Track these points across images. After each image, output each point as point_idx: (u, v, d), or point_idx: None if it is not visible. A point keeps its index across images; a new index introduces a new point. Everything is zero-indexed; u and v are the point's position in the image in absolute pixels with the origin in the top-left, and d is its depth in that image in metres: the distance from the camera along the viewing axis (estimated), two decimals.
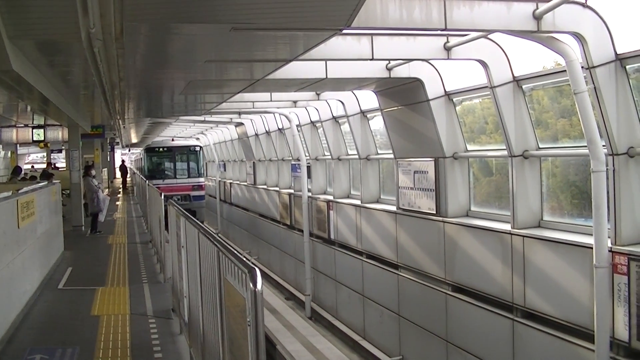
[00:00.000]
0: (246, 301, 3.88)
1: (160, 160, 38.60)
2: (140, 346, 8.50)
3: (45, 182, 15.75)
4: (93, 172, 21.59)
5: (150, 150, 38.98)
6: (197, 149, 38.94)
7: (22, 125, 27.57)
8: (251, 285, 3.72)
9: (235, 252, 4.50)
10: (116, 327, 9.30)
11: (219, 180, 43.96)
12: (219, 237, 5.34)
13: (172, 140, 39.54)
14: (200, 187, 37.81)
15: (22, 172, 27.73)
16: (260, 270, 4.00)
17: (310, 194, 23.99)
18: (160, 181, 35.07)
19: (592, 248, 10.15)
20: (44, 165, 39.39)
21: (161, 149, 38.58)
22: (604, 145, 10.20)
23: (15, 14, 7.31)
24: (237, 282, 4.24)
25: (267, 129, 29.88)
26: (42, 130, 27.51)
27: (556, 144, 12.69)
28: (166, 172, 37.93)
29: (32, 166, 53.60)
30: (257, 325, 3.68)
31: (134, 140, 47.05)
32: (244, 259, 4.22)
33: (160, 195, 13.04)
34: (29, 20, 7.61)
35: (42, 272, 12.21)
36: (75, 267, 14.29)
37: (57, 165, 43.13)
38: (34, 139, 27.92)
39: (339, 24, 8.41)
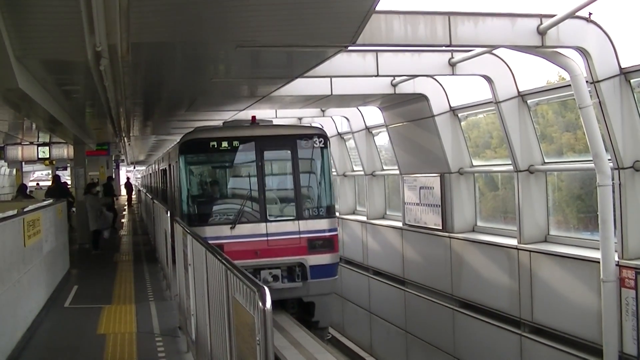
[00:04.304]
0: (255, 320, 3.87)
1: (220, 174, 15.93)
2: None
3: (51, 200, 15.75)
4: (96, 189, 21.53)
5: (195, 148, 15.08)
6: (319, 142, 14.86)
7: (28, 142, 27.62)
8: (260, 304, 3.71)
9: (244, 270, 4.49)
10: (122, 345, 9.25)
11: None
12: None
13: (253, 121, 15.26)
14: (328, 241, 14.75)
15: (28, 190, 27.78)
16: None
17: None
18: (221, 229, 14.11)
19: (599, 262, 10.13)
20: (49, 183, 38.85)
21: (225, 145, 14.61)
22: (609, 159, 10.19)
23: (22, 33, 7.35)
24: (246, 300, 4.22)
25: None
26: (47, 147, 27.55)
27: (561, 158, 12.68)
28: (240, 205, 14.57)
29: (37, 183, 53.73)
30: (267, 345, 3.66)
31: (140, 157, 47.08)
32: (252, 277, 4.20)
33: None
34: (36, 40, 7.65)
35: (48, 290, 12.18)
36: (81, 285, 14.24)
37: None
38: (39, 156, 27.96)
39: (344, 41, 8.45)
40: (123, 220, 33.94)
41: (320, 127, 19.84)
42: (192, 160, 15.26)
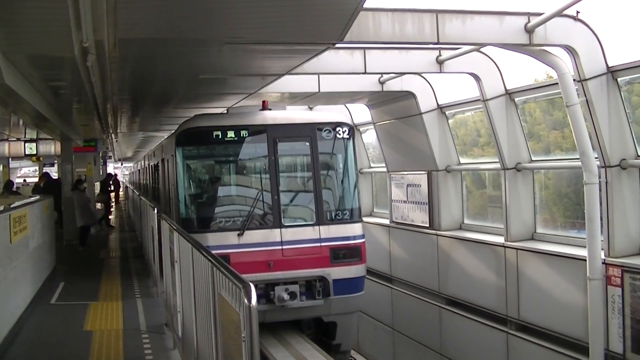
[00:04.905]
0: (241, 316, 3.87)
1: (224, 169, 13.44)
2: None
3: (38, 197, 15.64)
4: (83, 185, 21.43)
5: (194, 139, 12.77)
6: (343, 131, 12.82)
7: (15, 139, 27.47)
8: (246, 300, 3.71)
9: (230, 267, 4.48)
10: (109, 342, 9.23)
11: None
12: None
13: (264, 107, 13.14)
14: (354, 250, 12.83)
15: (14, 186, 27.59)
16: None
17: None
18: (227, 236, 12.02)
19: (585, 260, 10.17)
20: (37, 179, 38.46)
21: (231, 135, 12.40)
22: (596, 158, 10.24)
23: (8, 28, 7.30)
24: (232, 297, 4.22)
25: None
26: (34, 144, 27.43)
27: (549, 156, 12.72)
28: (249, 208, 12.30)
29: (25, 180, 53.38)
30: (252, 341, 3.66)
31: (128, 154, 46.93)
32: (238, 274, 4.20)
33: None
34: (22, 35, 7.60)
35: (34, 287, 12.12)
36: (68, 281, 14.19)
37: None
38: (27, 152, 27.83)
39: (332, 38, 8.45)
40: (110, 217, 33.73)
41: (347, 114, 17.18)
42: (192, 153, 12.99)
